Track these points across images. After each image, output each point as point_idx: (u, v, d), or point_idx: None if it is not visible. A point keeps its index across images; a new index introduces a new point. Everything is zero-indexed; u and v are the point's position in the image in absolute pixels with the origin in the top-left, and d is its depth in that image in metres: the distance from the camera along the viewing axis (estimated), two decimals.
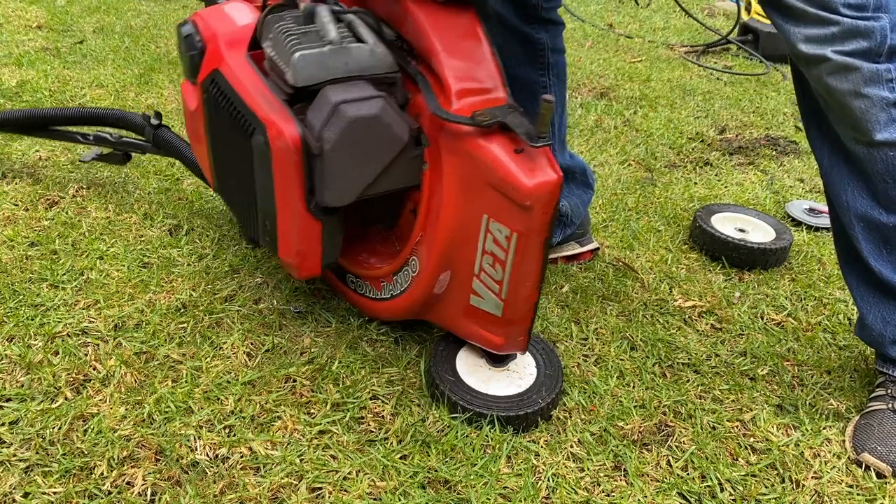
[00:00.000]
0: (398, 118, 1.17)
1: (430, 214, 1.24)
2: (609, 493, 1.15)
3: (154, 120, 1.68)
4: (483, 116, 1.11)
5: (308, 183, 1.18)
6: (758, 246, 1.78)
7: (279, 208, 1.21)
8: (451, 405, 1.25)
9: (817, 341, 1.55)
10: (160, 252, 1.62)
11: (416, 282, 1.29)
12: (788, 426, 1.32)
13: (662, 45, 3.82)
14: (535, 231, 1.12)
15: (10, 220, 1.69)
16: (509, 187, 1.10)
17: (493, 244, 1.16)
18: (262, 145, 1.15)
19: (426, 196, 1.23)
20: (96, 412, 1.20)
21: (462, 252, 1.21)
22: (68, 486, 1.07)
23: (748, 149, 2.55)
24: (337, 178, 1.17)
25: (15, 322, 1.37)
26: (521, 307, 1.21)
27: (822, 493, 1.18)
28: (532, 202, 1.09)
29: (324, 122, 1.12)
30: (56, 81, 2.47)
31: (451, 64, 1.16)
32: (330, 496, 1.10)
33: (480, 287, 1.22)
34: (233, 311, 1.46)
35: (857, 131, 1.19)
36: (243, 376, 1.30)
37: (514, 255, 1.15)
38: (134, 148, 1.76)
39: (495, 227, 1.15)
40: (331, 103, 1.12)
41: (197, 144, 1.47)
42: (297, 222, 1.21)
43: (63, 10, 3.31)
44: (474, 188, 1.15)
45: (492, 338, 1.26)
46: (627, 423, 1.28)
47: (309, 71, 1.14)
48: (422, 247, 1.27)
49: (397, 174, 1.22)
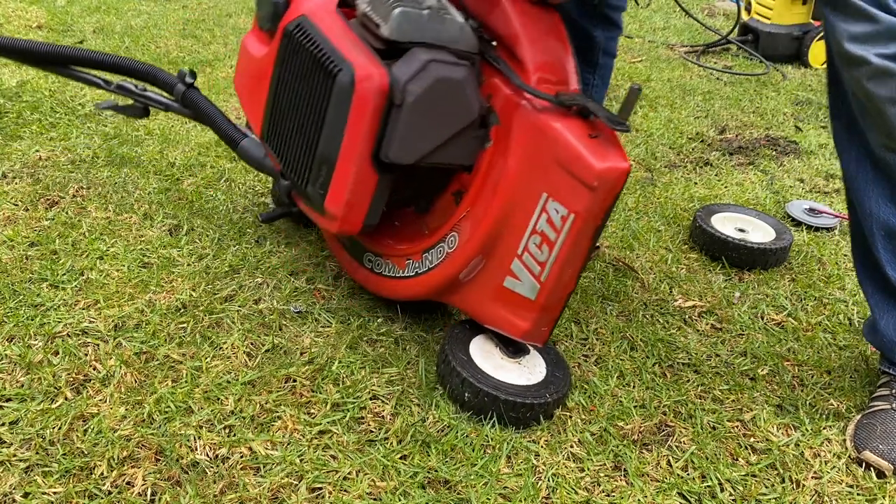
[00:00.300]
0: (475, 93, 1.23)
1: (483, 190, 1.26)
2: (609, 493, 1.15)
3: (189, 78, 1.66)
4: (567, 97, 1.17)
5: (379, 133, 1.21)
6: (758, 246, 1.78)
7: (342, 153, 1.23)
8: (460, 382, 1.25)
9: (817, 341, 1.55)
10: (160, 252, 1.62)
11: (452, 257, 1.30)
12: (788, 426, 1.32)
13: (662, 45, 3.82)
14: (593, 214, 1.15)
15: (10, 220, 1.69)
16: (580, 166, 1.13)
17: (545, 224, 1.19)
18: (347, 84, 1.18)
19: (483, 172, 1.27)
20: (96, 412, 1.20)
21: (510, 230, 1.23)
22: (68, 486, 1.07)
23: (748, 149, 2.56)
24: (408, 134, 1.20)
25: (15, 322, 1.37)
26: (557, 293, 1.23)
27: (822, 493, 1.18)
28: (599, 183, 1.12)
29: (411, 76, 1.17)
30: (56, 81, 2.47)
31: (534, 52, 1.22)
32: (330, 496, 1.10)
33: (520, 268, 1.23)
34: (233, 311, 1.46)
35: (891, 139, 1.17)
36: (243, 376, 1.30)
37: (566, 236, 1.17)
38: (156, 104, 1.73)
39: (553, 206, 1.17)
40: (422, 59, 1.18)
41: (251, 96, 1.49)
42: (355, 171, 1.23)
43: (63, 10, 3.31)
44: (541, 165, 1.18)
45: (518, 322, 1.26)
46: (627, 423, 1.28)
47: (406, 28, 1.19)
48: (466, 222, 1.28)
49: (457, 149, 1.26)
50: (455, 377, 1.26)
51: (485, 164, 1.27)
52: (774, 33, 3.64)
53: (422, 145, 1.22)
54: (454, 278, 1.31)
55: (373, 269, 1.45)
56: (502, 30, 1.25)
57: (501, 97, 1.25)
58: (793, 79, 3.45)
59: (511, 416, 1.23)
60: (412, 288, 1.38)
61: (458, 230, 1.29)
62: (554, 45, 1.25)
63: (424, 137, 1.22)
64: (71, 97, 2.38)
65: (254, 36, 1.52)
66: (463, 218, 1.29)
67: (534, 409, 1.23)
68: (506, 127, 1.23)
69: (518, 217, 1.21)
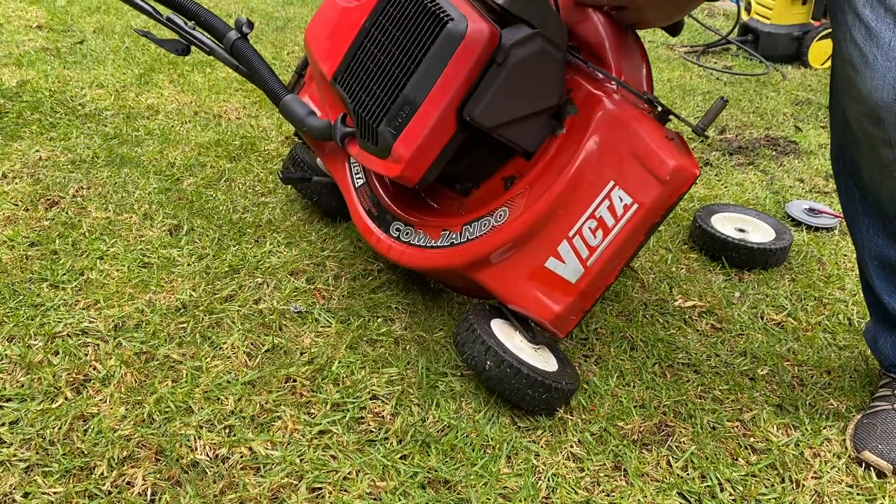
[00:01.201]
0: (562, 79, 1.28)
1: (547, 171, 1.29)
2: (609, 493, 1.15)
3: (246, 28, 1.63)
4: (653, 98, 1.26)
5: (471, 87, 1.24)
6: (758, 246, 1.78)
7: (430, 98, 1.24)
8: (485, 349, 1.25)
9: (817, 341, 1.56)
10: (160, 252, 1.62)
11: (497, 230, 1.31)
12: (788, 426, 1.32)
13: (662, 45, 3.82)
14: (656, 208, 1.20)
15: (10, 220, 1.69)
16: (655, 160, 1.19)
17: (606, 210, 1.23)
18: (459, 32, 1.20)
19: (550, 157, 1.30)
20: (96, 412, 1.20)
21: (565, 211, 1.26)
22: (68, 486, 1.07)
23: (748, 149, 2.56)
24: (498, 96, 1.23)
25: (15, 322, 1.37)
26: (598, 282, 1.26)
27: (822, 493, 1.18)
28: (671, 178, 1.18)
29: (518, 42, 1.21)
30: (56, 81, 2.47)
31: (619, 60, 1.31)
32: (330, 496, 1.10)
33: (567, 250, 1.26)
34: (233, 311, 1.46)
35: (884, 175, 1.15)
36: (243, 376, 1.30)
37: (624, 224, 1.21)
38: (202, 45, 1.68)
39: (618, 194, 1.22)
40: (530, 31, 1.22)
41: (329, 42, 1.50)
42: (437, 117, 1.25)
43: (63, 10, 3.31)
44: (615, 155, 1.22)
45: (551, 305, 1.27)
46: (627, 423, 1.28)
47: (521, 2, 1.23)
48: (521, 199, 1.31)
49: (529, 131, 1.30)
50: (479, 344, 1.26)
51: (553, 149, 1.31)
52: (774, 33, 3.64)
53: (505, 112, 1.26)
54: (496, 251, 1.32)
55: (399, 237, 1.45)
56: (591, 38, 1.32)
57: (583, 92, 1.30)
58: (793, 79, 3.45)
59: (528, 395, 1.23)
60: (445, 258, 1.38)
61: (511, 206, 1.32)
62: (635, 60, 1.34)
63: (511, 105, 1.25)
64: (71, 97, 2.38)
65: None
66: (518, 195, 1.31)
67: (550, 392, 1.23)
68: (584, 118, 1.28)
69: (579, 200, 1.25)
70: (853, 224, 1.29)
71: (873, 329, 1.35)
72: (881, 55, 1.05)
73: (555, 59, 1.25)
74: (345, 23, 1.46)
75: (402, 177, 1.31)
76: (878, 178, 1.18)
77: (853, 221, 1.29)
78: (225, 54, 1.65)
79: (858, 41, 1.08)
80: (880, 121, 1.08)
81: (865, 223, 1.27)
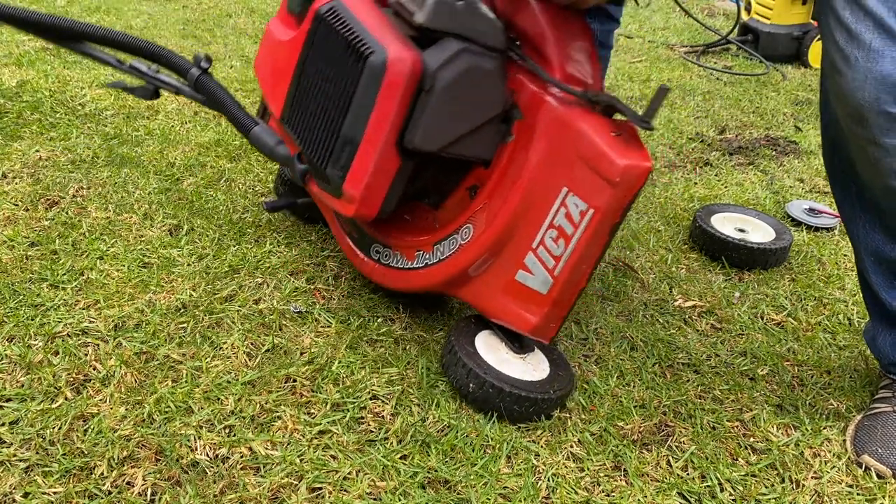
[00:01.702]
0: (502, 85, 1.23)
1: (501, 183, 1.27)
2: (609, 493, 1.15)
3: (204, 63, 1.64)
4: (593, 94, 1.18)
5: (406, 117, 1.22)
6: (758, 246, 1.78)
7: (367, 135, 1.23)
8: (465, 372, 1.25)
9: (817, 341, 1.56)
10: (160, 252, 1.62)
11: (465, 249, 1.30)
12: (788, 426, 1.32)
13: (662, 45, 3.82)
14: (612, 210, 1.16)
15: (10, 220, 1.69)
16: (603, 162, 1.13)
17: (563, 218, 1.19)
18: (379, 66, 1.18)
19: (503, 166, 1.27)
20: (96, 412, 1.20)
21: (526, 223, 1.23)
22: (68, 486, 1.07)
23: (748, 149, 2.56)
24: (434, 121, 1.21)
25: (15, 322, 1.37)
26: (569, 289, 1.23)
27: (822, 493, 1.18)
28: (621, 179, 1.13)
29: (443, 63, 1.18)
30: (56, 81, 2.47)
31: (560, 51, 1.23)
32: (330, 496, 1.10)
33: (534, 262, 1.23)
34: (233, 311, 1.46)
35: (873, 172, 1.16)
36: (243, 376, 1.30)
37: (583, 230, 1.18)
38: (168, 87, 1.70)
39: (573, 200, 1.18)
40: (455, 48, 1.18)
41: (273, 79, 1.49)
42: (378, 153, 1.24)
43: (63, 10, 3.31)
44: (563, 160, 1.18)
45: (528, 317, 1.26)
46: (627, 423, 1.28)
47: (441, 16, 1.19)
48: (483, 214, 1.29)
49: (479, 141, 1.27)
50: (460, 367, 1.26)
51: (505, 158, 1.27)
52: (774, 33, 3.64)
53: (446, 134, 1.23)
54: (465, 270, 1.31)
55: (380, 259, 1.45)
56: (530, 29, 1.26)
57: (527, 93, 1.25)
58: (793, 79, 3.45)
59: (514, 411, 1.23)
60: (421, 279, 1.38)
61: (474, 222, 1.30)
62: (581, 49, 1.27)
63: (450, 126, 1.23)
64: (71, 97, 2.38)
65: (280, 20, 1.52)
66: (479, 210, 1.29)
67: (537, 405, 1.23)
68: (529, 122, 1.24)
69: (536, 210, 1.22)
70: (850, 221, 1.30)
71: (872, 328, 1.35)
72: (861, 56, 1.07)
73: (489, 69, 1.21)
74: (283, 58, 1.45)
75: (358, 215, 1.31)
76: (869, 175, 1.19)
77: (850, 219, 1.29)
78: (191, 91, 1.67)
79: (840, 43, 1.09)
80: (863, 119, 1.09)
81: (863, 219, 1.27)
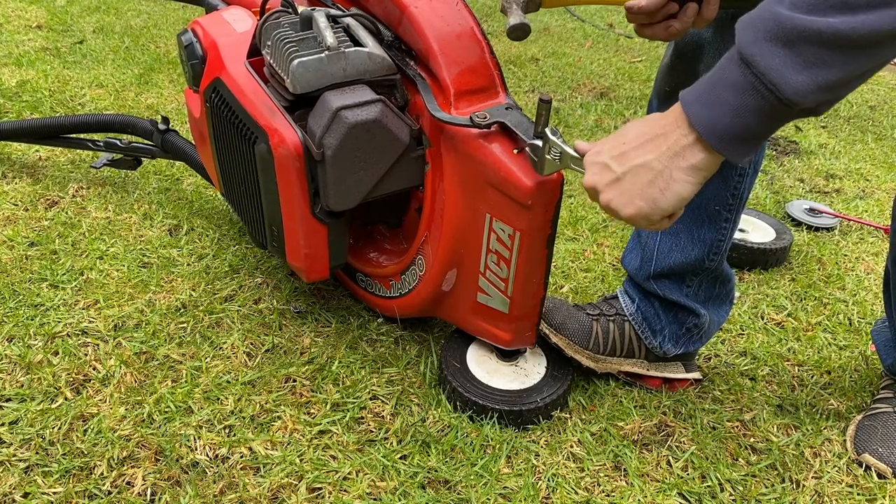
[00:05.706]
0: (398, 121, 1.18)
1: (433, 214, 1.24)
2: (609, 493, 1.15)
3: (161, 125, 1.69)
4: (481, 118, 1.10)
5: (312, 188, 1.19)
6: (758, 246, 1.78)
7: (285, 214, 1.23)
8: (451, 390, 1.26)
9: (817, 341, 1.55)
10: (160, 252, 1.62)
11: (424, 281, 1.30)
12: (788, 426, 1.32)
13: (662, 45, 3.82)
14: (537, 229, 1.13)
15: (10, 220, 1.69)
16: (511, 187, 1.09)
17: (497, 243, 1.17)
18: (266, 153, 1.17)
19: (429, 196, 1.24)
20: (96, 412, 1.20)
21: (467, 250, 1.22)
22: (68, 486, 1.07)
23: None
24: (340, 183, 1.18)
25: (15, 322, 1.37)
26: (527, 303, 1.22)
27: (822, 493, 1.18)
28: (533, 201, 1.09)
29: (324, 129, 1.13)
30: (56, 81, 2.47)
31: (449, 65, 1.15)
32: (330, 496, 1.10)
33: (487, 285, 1.23)
34: (233, 311, 1.46)
35: None
36: (243, 376, 1.30)
37: (518, 253, 1.15)
38: (143, 153, 1.79)
39: (498, 226, 1.15)
40: (331, 109, 1.13)
41: (203, 149, 1.49)
42: (303, 227, 1.23)
43: (63, 10, 3.31)
44: (476, 188, 1.15)
45: (500, 334, 1.27)
46: (627, 423, 1.28)
47: (307, 78, 1.15)
48: (427, 246, 1.28)
49: (400, 176, 1.23)
50: (447, 384, 1.28)
51: (429, 188, 1.24)
52: None
53: (359, 188, 1.20)
54: (434, 297, 1.31)
55: (366, 288, 1.46)
56: (413, 44, 1.19)
57: (426, 118, 1.18)
58: None
59: (504, 421, 1.25)
60: (401, 307, 1.39)
61: (423, 253, 1.29)
62: (469, 49, 1.16)
63: (359, 181, 1.19)
64: (71, 97, 2.38)
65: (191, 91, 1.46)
66: (424, 241, 1.28)
67: (523, 416, 1.24)
68: (437, 149, 1.20)
69: (472, 238, 1.20)
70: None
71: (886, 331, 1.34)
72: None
73: (374, 118, 1.14)
74: (201, 132, 1.44)
75: (313, 280, 1.34)
76: None
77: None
78: (161, 151, 1.73)
79: None
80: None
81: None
